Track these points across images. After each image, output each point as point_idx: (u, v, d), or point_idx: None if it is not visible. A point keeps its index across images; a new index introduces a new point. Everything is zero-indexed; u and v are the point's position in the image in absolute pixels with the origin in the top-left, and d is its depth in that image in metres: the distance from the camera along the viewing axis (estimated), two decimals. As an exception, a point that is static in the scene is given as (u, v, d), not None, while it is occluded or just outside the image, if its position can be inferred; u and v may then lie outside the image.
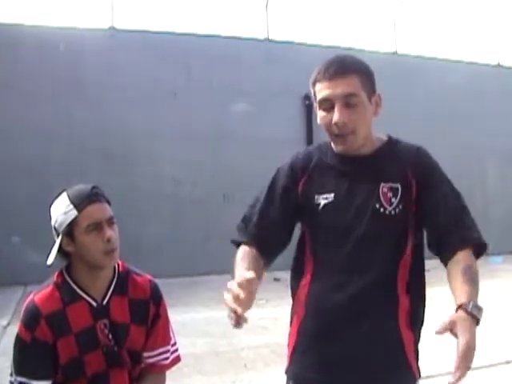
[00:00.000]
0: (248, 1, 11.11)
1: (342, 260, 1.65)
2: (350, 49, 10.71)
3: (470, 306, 1.42)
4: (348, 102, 1.59)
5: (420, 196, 1.64)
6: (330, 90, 1.59)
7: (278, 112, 10.49)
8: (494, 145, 12.10)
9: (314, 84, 1.66)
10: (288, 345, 1.79)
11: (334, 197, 1.66)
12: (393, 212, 1.62)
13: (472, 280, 1.52)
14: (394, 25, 11.96)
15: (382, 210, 1.63)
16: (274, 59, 10.72)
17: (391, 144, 1.72)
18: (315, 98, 1.66)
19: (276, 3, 11.03)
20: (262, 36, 11.03)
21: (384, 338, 1.63)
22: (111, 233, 1.75)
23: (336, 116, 1.58)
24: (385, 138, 1.74)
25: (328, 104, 1.60)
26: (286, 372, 1.78)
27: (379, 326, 1.62)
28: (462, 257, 1.57)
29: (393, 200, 1.63)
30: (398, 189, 1.63)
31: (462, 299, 1.45)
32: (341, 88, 1.58)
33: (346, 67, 1.61)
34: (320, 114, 1.64)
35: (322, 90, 1.61)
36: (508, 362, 4.75)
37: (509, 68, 12.90)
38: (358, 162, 1.67)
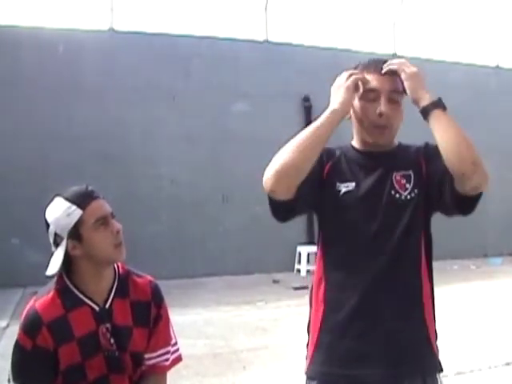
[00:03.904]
0: (247, 3, 11.12)
1: (362, 247, 1.68)
2: (349, 50, 10.73)
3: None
4: (392, 97, 1.70)
5: (429, 170, 1.69)
6: (379, 82, 1.69)
7: (276, 113, 10.49)
8: (493, 146, 12.08)
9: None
10: (308, 344, 1.77)
11: (355, 186, 1.72)
12: (408, 197, 1.69)
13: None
14: (393, 26, 11.98)
15: (397, 195, 1.70)
16: (273, 61, 10.73)
17: (404, 145, 1.83)
18: (357, 88, 1.70)
19: (275, 5, 11.04)
20: (261, 38, 11.03)
21: (410, 327, 1.65)
22: (119, 225, 1.77)
23: (383, 106, 1.67)
24: (397, 142, 1.83)
25: (373, 95, 1.69)
26: (306, 372, 1.76)
27: (405, 315, 1.64)
28: None
29: (407, 186, 1.70)
30: (410, 175, 1.71)
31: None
32: (389, 83, 1.69)
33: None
34: (361, 104, 1.71)
35: (370, 81, 1.70)
36: (508, 364, 4.75)
37: (508, 69, 12.92)
38: (377, 158, 1.75)
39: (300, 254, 10.21)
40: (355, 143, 1.81)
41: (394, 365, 1.63)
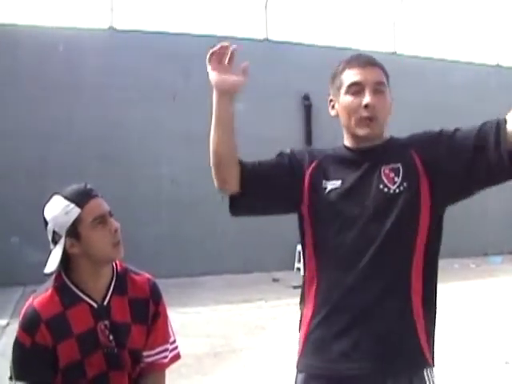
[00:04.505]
0: (247, 1, 11.12)
1: (350, 244, 1.67)
2: (349, 49, 10.72)
3: None
4: (377, 88, 1.70)
5: (431, 164, 1.65)
6: (362, 75, 1.69)
7: (277, 112, 10.48)
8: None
9: (341, 72, 1.74)
10: (299, 338, 1.79)
11: (341, 183, 1.72)
12: (397, 190, 1.66)
13: None
14: (393, 25, 11.97)
15: (386, 189, 1.66)
16: (273, 59, 10.72)
17: (395, 139, 1.80)
18: (340, 86, 1.73)
19: (275, 3, 11.04)
20: (261, 36, 11.03)
21: (396, 323, 1.64)
22: (117, 224, 1.77)
23: (368, 98, 1.67)
24: (389, 136, 1.81)
25: (358, 88, 1.69)
26: (297, 366, 1.78)
27: (393, 309, 1.64)
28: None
29: (396, 179, 1.67)
30: (399, 168, 1.68)
31: None
32: (372, 75, 1.70)
33: (376, 61, 1.75)
34: (347, 99, 1.71)
35: (353, 76, 1.71)
36: (507, 363, 4.75)
37: (508, 68, 12.92)
38: (367, 153, 1.73)
39: (300, 252, 10.20)
40: (346, 141, 1.79)
41: (378, 360, 1.63)
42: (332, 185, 1.72)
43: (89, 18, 10.11)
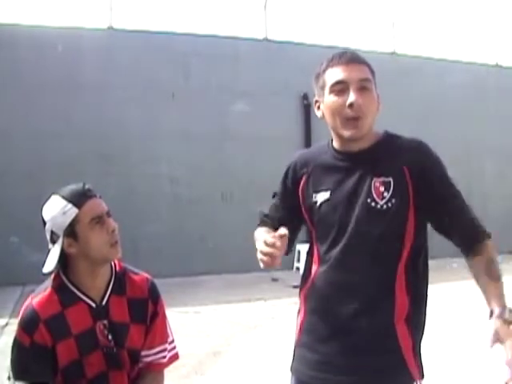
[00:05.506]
0: (246, 1, 11.11)
1: (339, 256, 1.66)
2: (348, 49, 10.73)
3: (506, 314, 1.53)
4: (362, 86, 1.62)
5: (419, 192, 1.62)
6: (346, 73, 1.62)
7: (276, 111, 10.49)
8: (493, 144, 12.12)
9: (324, 71, 1.67)
10: (294, 341, 1.81)
11: (331, 194, 1.68)
12: (385, 206, 1.61)
13: (497, 277, 1.63)
14: (392, 25, 11.96)
15: (373, 204, 1.62)
16: (272, 59, 10.72)
17: (388, 138, 1.72)
18: (323, 86, 1.67)
19: (274, 3, 11.03)
20: (260, 36, 11.03)
21: (378, 335, 1.62)
22: (115, 224, 1.77)
23: (352, 97, 1.60)
24: (381, 133, 1.74)
25: (342, 86, 1.62)
26: (291, 368, 1.80)
27: (374, 323, 1.62)
28: (480, 251, 1.72)
29: (385, 194, 1.61)
30: (390, 182, 1.62)
31: (495, 306, 1.54)
32: (356, 72, 1.63)
33: (359, 57, 1.69)
34: (331, 99, 1.64)
35: (336, 74, 1.63)
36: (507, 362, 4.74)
37: (507, 68, 12.92)
38: (356, 158, 1.68)
39: (299, 252, 10.19)
40: (334, 142, 1.74)
41: (356, 375, 1.63)
42: (322, 197, 1.70)
43: (88, 17, 10.12)
